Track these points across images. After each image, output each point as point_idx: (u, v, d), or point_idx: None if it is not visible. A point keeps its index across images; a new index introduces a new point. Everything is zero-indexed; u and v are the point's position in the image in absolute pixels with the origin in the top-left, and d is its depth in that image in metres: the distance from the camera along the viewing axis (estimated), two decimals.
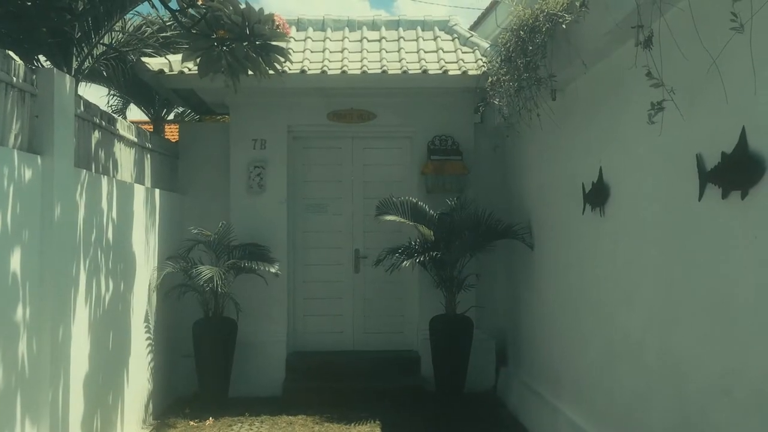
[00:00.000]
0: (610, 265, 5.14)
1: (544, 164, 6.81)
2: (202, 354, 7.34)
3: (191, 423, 6.94)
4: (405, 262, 7.28)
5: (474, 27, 10.45)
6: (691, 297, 3.94)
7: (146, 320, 6.93)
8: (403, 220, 7.44)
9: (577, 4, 4.81)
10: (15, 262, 4.23)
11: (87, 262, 5.38)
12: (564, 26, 5.07)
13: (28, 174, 4.43)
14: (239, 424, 6.92)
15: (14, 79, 4.38)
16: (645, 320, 4.54)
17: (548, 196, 6.69)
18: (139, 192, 6.74)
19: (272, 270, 7.44)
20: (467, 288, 7.63)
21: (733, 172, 3.48)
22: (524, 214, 7.41)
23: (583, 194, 5.61)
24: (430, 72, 7.88)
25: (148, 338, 6.98)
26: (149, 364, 7.01)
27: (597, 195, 5.34)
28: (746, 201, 3.37)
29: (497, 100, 6.38)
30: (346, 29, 9.25)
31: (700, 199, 3.80)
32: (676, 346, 4.11)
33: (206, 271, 6.91)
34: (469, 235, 7.26)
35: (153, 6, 6.24)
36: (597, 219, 5.36)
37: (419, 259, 7.33)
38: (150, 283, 7.04)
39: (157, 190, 7.35)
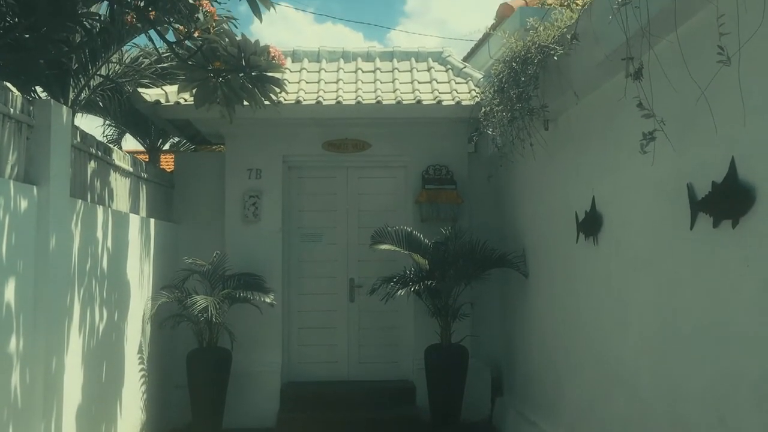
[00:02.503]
0: (604, 293, 5.16)
1: (538, 193, 6.86)
2: (196, 384, 7.29)
3: None
4: (400, 291, 7.28)
5: (467, 58, 10.57)
6: (684, 325, 3.96)
7: (140, 350, 6.89)
8: (397, 249, 7.45)
9: (568, 36, 4.89)
10: (9, 292, 4.22)
11: (81, 292, 5.37)
12: (555, 58, 5.15)
13: (23, 204, 4.45)
14: None
15: (11, 110, 4.42)
16: (639, 349, 4.55)
17: (542, 225, 6.73)
18: (134, 222, 6.75)
19: (267, 300, 7.43)
20: (462, 317, 7.62)
21: (723, 202, 3.52)
22: (518, 242, 7.43)
23: (577, 223, 5.64)
24: (424, 102, 7.96)
25: (142, 369, 6.94)
26: (142, 394, 6.96)
27: (590, 224, 5.38)
28: (737, 230, 3.41)
29: (490, 130, 6.45)
30: (341, 60, 9.35)
31: (691, 228, 3.83)
32: (670, 374, 4.11)
33: (201, 301, 6.90)
34: (463, 263, 7.27)
35: (150, 38, 6.31)
36: (591, 248, 5.39)
37: (414, 288, 7.33)
38: (144, 313, 7.01)
39: (152, 220, 7.36)
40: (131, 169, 6.80)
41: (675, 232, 4.03)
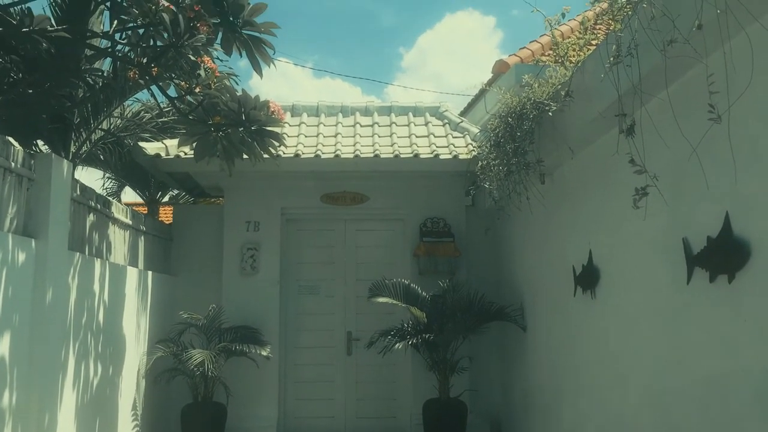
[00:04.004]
0: (602, 347, 5.13)
1: (535, 246, 6.87)
2: None
3: None
4: (398, 344, 7.21)
5: (464, 113, 10.73)
6: (684, 381, 3.93)
7: (134, 406, 6.79)
8: (395, 302, 7.42)
9: (562, 93, 4.99)
10: (4, 346, 4.20)
11: (76, 346, 5.33)
12: (550, 114, 5.24)
13: (21, 257, 4.45)
14: None
15: (13, 164, 4.47)
16: (638, 404, 4.50)
17: (540, 278, 6.72)
18: (132, 274, 6.74)
19: (263, 353, 7.36)
20: (460, 371, 7.54)
21: (719, 256, 3.54)
22: (516, 295, 7.42)
23: (574, 276, 5.65)
24: (422, 156, 8.03)
25: (136, 425, 6.83)
26: None
27: (587, 277, 5.38)
28: (733, 285, 3.42)
29: (487, 183, 6.51)
30: (340, 115, 9.48)
31: (688, 283, 3.84)
32: (671, 428, 4.06)
33: (197, 355, 6.82)
34: (461, 317, 7.23)
35: (152, 93, 6.41)
36: (588, 301, 5.38)
37: (412, 342, 7.26)
38: (139, 368, 6.94)
39: (149, 273, 7.35)
40: (130, 222, 6.83)
41: (672, 287, 4.03)
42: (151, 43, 4.99)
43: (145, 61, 5.12)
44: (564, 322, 5.98)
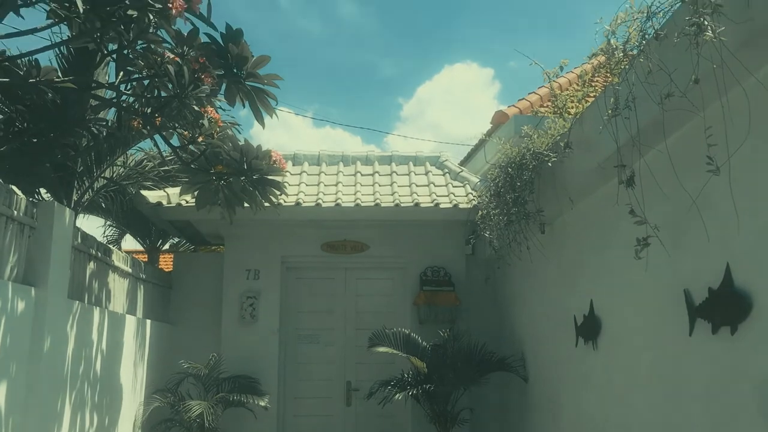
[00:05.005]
0: (605, 399, 5.07)
1: (536, 296, 6.85)
2: None
3: None
4: (398, 395, 7.11)
5: (464, 162, 10.80)
6: None
7: None
8: (395, 351, 7.34)
9: (561, 144, 5.04)
10: (0, 396, 4.15)
11: (73, 395, 5.27)
12: (550, 164, 5.28)
13: (20, 306, 4.44)
14: None
15: (15, 212, 4.49)
16: None
17: (541, 328, 6.68)
18: (130, 323, 6.70)
19: (261, 403, 7.27)
20: (461, 423, 7.42)
21: (721, 308, 3.53)
22: (517, 345, 7.35)
23: (575, 327, 5.61)
24: (422, 205, 8.06)
25: None
26: None
27: (589, 328, 5.35)
28: (736, 336, 3.40)
29: (488, 232, 6.52)
30: (341, 164, 9.54)
31: (690, 334, 3.82)
32: None
33: (195, 407, 6.73)
34: (462, 367, 7.15)
35: (155, 143, 6.46)
36: (590, 352, 5.34)
37: (412, 392, 7.16)
38: (136, 418, 6.84)
39: (148, 321, 7.31)
40: (130, 270, 6.82)
41: (674, 338, 4.01)
42: (156, 93, 5.06)
43: (149, 111, 5.18)
44: (566, 373, 5.92)
